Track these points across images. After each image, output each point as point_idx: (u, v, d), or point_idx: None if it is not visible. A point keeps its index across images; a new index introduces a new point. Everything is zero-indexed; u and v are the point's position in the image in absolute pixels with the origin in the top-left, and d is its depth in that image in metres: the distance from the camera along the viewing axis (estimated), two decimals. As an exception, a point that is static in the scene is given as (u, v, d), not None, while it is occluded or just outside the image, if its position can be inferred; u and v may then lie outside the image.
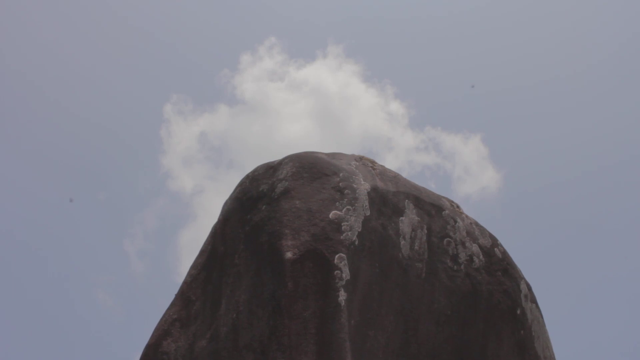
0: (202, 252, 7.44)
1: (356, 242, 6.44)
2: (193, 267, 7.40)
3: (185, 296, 7.18)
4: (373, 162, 7.52)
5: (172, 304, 7.30)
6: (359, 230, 6.48)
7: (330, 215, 6.45)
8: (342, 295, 6.10)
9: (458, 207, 8.12)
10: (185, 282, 7.37)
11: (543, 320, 8.64)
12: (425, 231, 7.20)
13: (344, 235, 6.33)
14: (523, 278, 8.29)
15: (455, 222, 7.68)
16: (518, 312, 7.94)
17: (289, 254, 6.20)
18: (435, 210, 7.49)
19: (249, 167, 7.61)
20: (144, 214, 38.09)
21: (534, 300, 8.46)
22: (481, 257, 7.66)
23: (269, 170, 7.13)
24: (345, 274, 6.17)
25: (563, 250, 33.11)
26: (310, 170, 6.79)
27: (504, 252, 8.11)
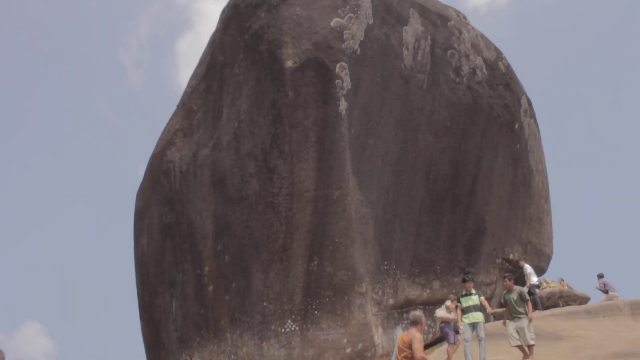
0: (201, 62, 7.32)
1: (358, 52, 6.30)
2: (193, 77, 7.34)
3: (187, 107, 7.20)
4: (378, -33, 7.07)
5: (174, 115, 7.36)
6: (361, 39, 6.31)
7: (332, 23, 6.24)
8: (343, 105, 6.11)
9: (464, 18, 7.83)
10: (185, 93, 7.36)
11: (539, 135, 8.78)
12: (429, 42, 7.01)
13: (345, 44, 6.18)
14: (524, 93, 8.26)
15: (461, 33, 7.45)
16: (516, 126, 8.03)
17: (289, 63, 6.10)
18: (440, 21, 7.23)
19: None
20: (138, 22, 36.95)
21: (532, 116, 8.52)
22: (484, 70, 7.56)
23: (268, -25, 6.77)
24: (346, 83, 6.12)
25: (567, 68, 32.82)
26: (311, -25, 6.43)
27: (508, 66, 7.99)
